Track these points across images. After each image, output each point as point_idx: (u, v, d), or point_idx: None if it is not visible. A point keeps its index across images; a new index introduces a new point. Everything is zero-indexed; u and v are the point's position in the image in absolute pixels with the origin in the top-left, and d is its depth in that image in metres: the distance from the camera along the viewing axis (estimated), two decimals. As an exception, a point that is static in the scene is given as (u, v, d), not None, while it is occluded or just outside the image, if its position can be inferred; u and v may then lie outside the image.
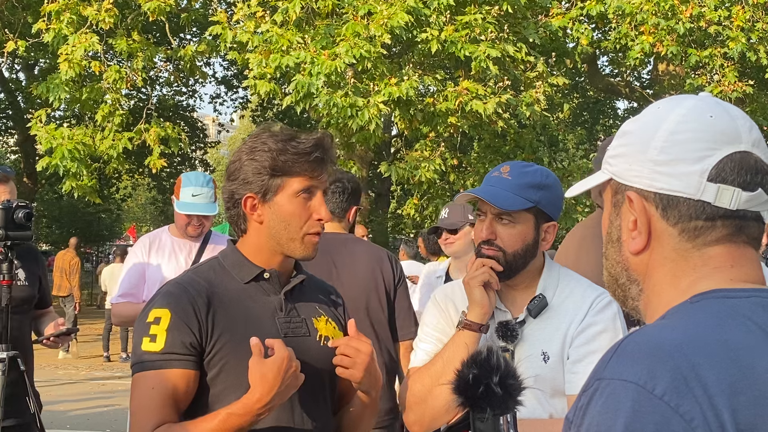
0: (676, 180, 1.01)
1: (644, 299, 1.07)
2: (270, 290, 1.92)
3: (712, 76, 13.05)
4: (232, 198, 1.91)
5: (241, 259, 1.93)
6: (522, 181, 2.05)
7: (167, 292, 1.87)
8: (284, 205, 1.87)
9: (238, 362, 1.80)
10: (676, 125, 1.02)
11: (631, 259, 1.07)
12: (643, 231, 1.04)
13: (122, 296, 3.96)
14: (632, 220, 1.05)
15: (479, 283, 2.01)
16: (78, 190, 11.92)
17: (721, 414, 0.86)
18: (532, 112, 11.77)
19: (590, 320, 2.03)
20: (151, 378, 1.78)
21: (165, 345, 1.78)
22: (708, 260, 1.02)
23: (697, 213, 1.01)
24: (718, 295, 0.99)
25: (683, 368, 0.88)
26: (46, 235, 28.82)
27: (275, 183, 1.86)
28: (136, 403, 1.81)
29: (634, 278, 1.07)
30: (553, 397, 2.02)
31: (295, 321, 1.92)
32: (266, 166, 1.85)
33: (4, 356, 3.35)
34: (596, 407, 0.90)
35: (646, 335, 0.95)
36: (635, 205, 1.04)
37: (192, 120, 22.33)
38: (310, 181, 1.88)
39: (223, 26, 11.32)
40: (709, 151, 1.00)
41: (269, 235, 1.89)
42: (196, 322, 1.81)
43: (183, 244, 3.98)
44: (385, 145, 16.21)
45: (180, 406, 1.80)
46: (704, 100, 1.06)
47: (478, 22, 11.02)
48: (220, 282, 1.89)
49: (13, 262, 3.40)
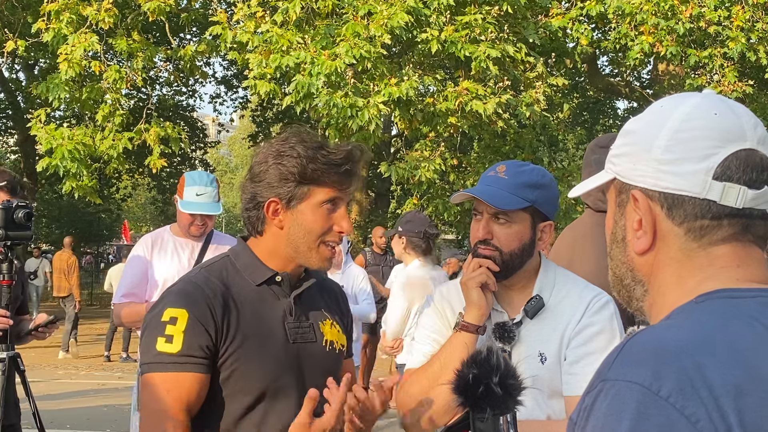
0: (681, 179, 0.99)
1: (649, 300, 1.06)
2: (280, 293, 1.91)
3: (711, 77, 13.05)
4: (254, 200, 1.87)
5: (255, 261, 1.90)
6: (518, 180, 2.04)
7: (183, 291, 1.83)
8: (308, 214, 1.84)
9: (249, 366, 1.80)
10: (680, 123, 1.01)
11: (636, 259, 1.05)
12: (648, 231, 1.02)
13: (124, 296, 3.94)
14: (637, 219, 1.03)
15: (476, 285, 2.00)
16: (78, 191, 11.91)
17: (727, 415, 0.85)
18: (531, 113, 11.76)
19: (587, 321, 2.02)
20: (167, 381, 1.75)
21: (182, 347, 1.75)
22: (714, 260, 1.00)
23: (702, 212, 0.99)
24: (723, 295, 0.97)
25: (689, 369, 0.87)
26: (46, 235, 28.79)
27: (301, 191, 1.83)
28: (150, 404, 1.77)
29: (639, 279, 1.06)
30: (551, 398, 2.02)
31: (304, 326, 1.91)
32: (294, 173, 1.82)
33: (4, 356, 3.36)
34: (601, 408, 0.89)
35: (651, 336, 0.94)
36: (640, 204, 1.03)
37: (192, 120, 22.32)
38: (337, 193, 1.85)
39: (223, 26, 11.32)
40: (714, 149, 0.99)
41: (288, 241, 1.87)
42: (213, 324, 1.78)
43: (185, 244, 3.97)
44: (385, 145, 16.22)
45: (192, 411, 1.78)
46: (708, 97, 1.04)
47: (478, 22, 11.02)
48: (233, 283, 1.87)
49: (13, 262, 3.40)
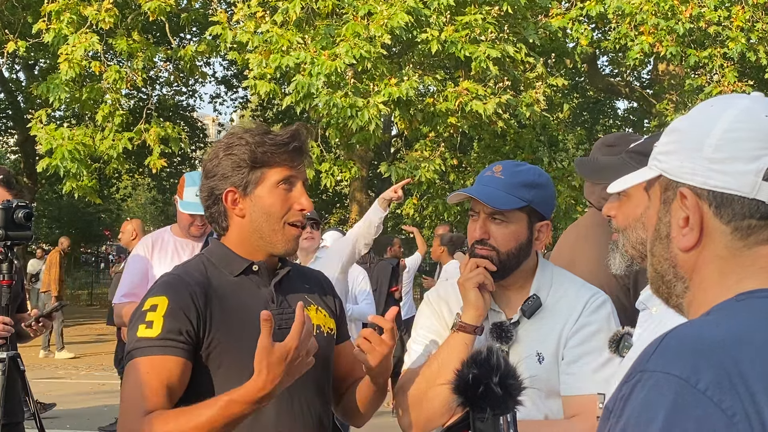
0: (730, 178, 1.01)
1: (689, 296, 1.07)
2: (260, 283, 1.92)
3: (711, 77, 13.06)
4: (212, 194, 1.91)
5: (228, 253, 1.92)
6: (515, 180, 2.04)
7: (164, 282, 1.87)
8: (265, 198, 1.88)
9: (237, 356, 1.79)
10: (731, 124, 1.02)
11: (680, 255, 1.06)
12: (696, 228, 1.04)
13: (125, 296, 3.94)
14: (683, 217, 1.04)
15: (474, 285, 1.99)
16: (78, 191, 11.92)
17: (763, 411, 0.86)
18: (531, 113, 11.77)
19: (585, 320, 2.02)
20: (145, 363, 1.74)
21: (162, 330, 1.76)
22: (757, 259, 1.02)
23: (750, 212, 1.01)
24: (763, 295, 0.99)
25: (727, 364, 0.88)
26: (46, 235, 28.79)
27: (255, 175, 1.87)
28: (129, 388, 1.75)
29: (681, 275, 1.07)
30: (549, 398, 2.01)
31: (287, 312, 1.91)
32: (245, 159, 1.86)
33: (4, 356, 3.36)
34: (638, 398, 0.90)
35: (690, 330, 0.96)
36: (689, 201, 1.04)
37: (192, 120, 22.33)
38: (290, 171, 1.89)
39: (223, 26, 11.32)
40: (764, 151, 1.00)
41: (252, 228, 1.90)
42: (195, 311, 1.79)
43: (185, 244, 3.97)
44: (385, 145, 16.23)
45: (174, 395, 1.76)
46: (758, 100, 1.06)
47: (478, 22, 11.03)
48: (212, 276, 1.89)
49: (13, 262, 3.40)
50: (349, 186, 15.96)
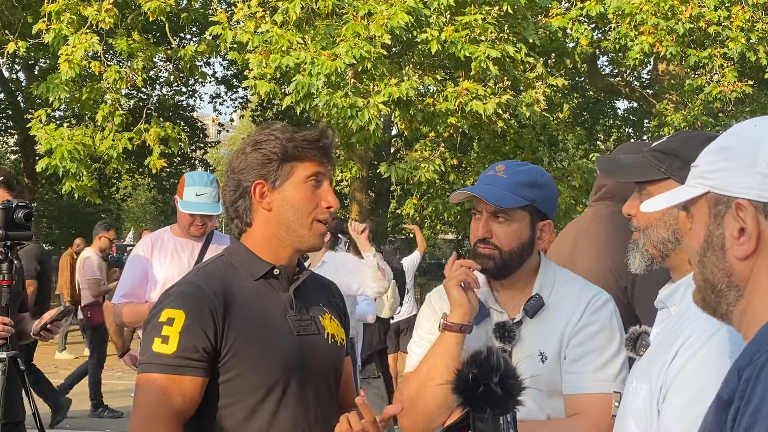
0: None
1: (743, 303, 1.13)
2: (279, 288, 1.91)
3: (711, 77, 13.05)
4: (240, 187, 1.89)
5: (250, 255, 1.90)
6: (517, 179, 2.05)
7: (183, 292, 1.83)
8: (294, 192, 1.87)
9: (255, 362, 1.79)
10: None
11: (736, 264, 1.12)
12: (753, 237, 1.10)
13: (124, 296, 3.94)
14: (738, 228, 1.11)
15: (456, 284, 2.00)
16: (78, 191, 11.91)
17: None
18: (531, 113, 11.76)
19: (587, 320, 2.03)
20: (161, 382, 1.74)
21: (177, 348, 1.74)
22: None
23: None
24: None
25: None
26: (46, 235, 28.77)
27: (285, 169, 1.87)
28: (144, 407, 1.76)
29: (736, 284, 1.13)
30: (551, 397, 2.01)
31: (305, 319, 1.91)
32: (276, 152, 1.86)
33: (4, 356, 3.36)
34: None
35: None
36: (748, 213, 1.10)
37: (192, 120, 22.29)
38: (319, 167, 1.90)
39: (223, 26, 11.31)
40: None
41: (278, 222, 1.88)
42: (213, 326, 1.77)
43: (185, 244, 3.97)
44: (385, 145, 16.21)
45: (185, 414, 1.77)
46: None
47: (478, 22, 11.02)
48: (232, 280, 1.87)
49: (13, 262, 3.40)
50: (349, 186, 15.96)
